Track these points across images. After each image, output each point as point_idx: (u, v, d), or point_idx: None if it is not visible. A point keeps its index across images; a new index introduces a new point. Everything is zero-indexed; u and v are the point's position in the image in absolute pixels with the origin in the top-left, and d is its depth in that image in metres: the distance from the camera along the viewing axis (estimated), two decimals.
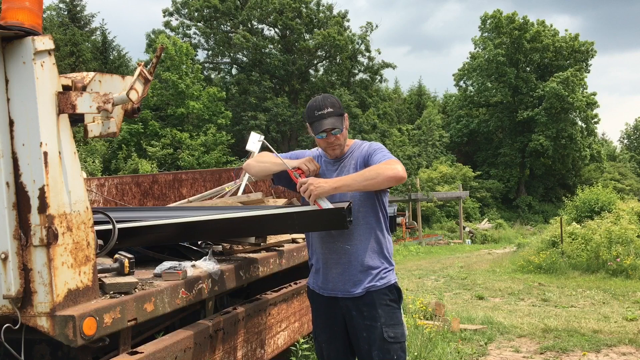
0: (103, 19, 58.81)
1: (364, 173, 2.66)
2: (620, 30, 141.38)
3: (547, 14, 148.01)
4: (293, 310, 3.72)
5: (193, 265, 2.77)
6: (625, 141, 64.60)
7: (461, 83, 46.28)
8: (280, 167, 2.87)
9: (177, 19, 36.31)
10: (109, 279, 2.38)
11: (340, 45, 35.02)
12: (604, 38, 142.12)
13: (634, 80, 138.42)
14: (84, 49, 28.68)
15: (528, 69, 43.76)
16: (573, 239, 13.61)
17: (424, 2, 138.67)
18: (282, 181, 2.96)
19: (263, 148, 4.76)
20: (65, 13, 31.39)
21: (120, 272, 2.52)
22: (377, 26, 39.39)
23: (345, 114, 2.84)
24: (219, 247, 3.33)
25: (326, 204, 2.66)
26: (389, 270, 2.85)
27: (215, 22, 36.27)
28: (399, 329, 2.80)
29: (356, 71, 38.34)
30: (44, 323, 2.05)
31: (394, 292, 2.84)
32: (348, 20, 37.98)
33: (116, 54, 32.44)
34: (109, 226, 2.76)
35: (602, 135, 60.26)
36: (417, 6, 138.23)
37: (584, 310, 8.23)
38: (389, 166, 2.64)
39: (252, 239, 3.21)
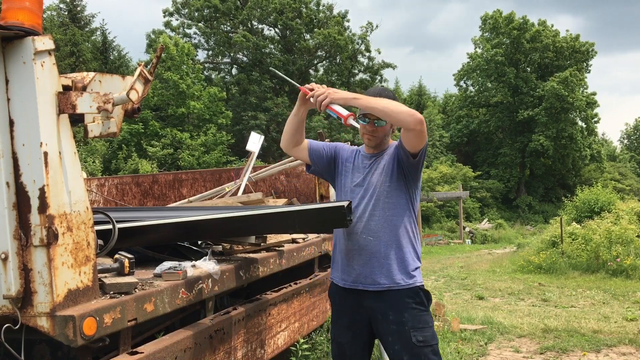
0: (103, 19, 58.70)
1: (391, 102, 2.59)
2: (622, 30, 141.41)
3: (549, 14, 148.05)
4: (293, 310, 3.72)
5: (193, 265, 2.77)
6: (625, 141, 64.61)
7: (461, 83, 46.30)
8: (296, 109, 2.83)
9: (177, 19, 36.36)
10: (109, 279, 2.38)
11: (340, 45, 35.02)
12: (605, 38, 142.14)
13: (635, 81, 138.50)
14: (84, 49, 28.67)
15: (528, 69, 43.76)
16: (573, 239, 13.60)
17: (427, 3, 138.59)
18: (318, 164, 2.91)
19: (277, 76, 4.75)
20: (66, 13, 31.37)
21: (120, 272, 2.52)
22: (377, 26, 39.32)
23: None
24: (219, 247, 3.33)
25: (341, 110, 2.63)
26: (415, 270, 2.75)
27: (215, 22, 36.27)
28: (429, 332, 2.70)
29: (356, 71, 38.34)
30: (44, 323, 2.06)
31: (420, 295, 2.74)
32: (348, 21, 38.02)
33: (116, 54, 32.43)
34: (109, 226, 2.76)
35: (602, 135, 60.28)
36: (419, 7, 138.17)
37: (584, 310, 8.23)
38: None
39: (252, 239, 3.21)
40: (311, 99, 2.67)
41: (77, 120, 2.45)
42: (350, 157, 2.92)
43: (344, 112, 2.62)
